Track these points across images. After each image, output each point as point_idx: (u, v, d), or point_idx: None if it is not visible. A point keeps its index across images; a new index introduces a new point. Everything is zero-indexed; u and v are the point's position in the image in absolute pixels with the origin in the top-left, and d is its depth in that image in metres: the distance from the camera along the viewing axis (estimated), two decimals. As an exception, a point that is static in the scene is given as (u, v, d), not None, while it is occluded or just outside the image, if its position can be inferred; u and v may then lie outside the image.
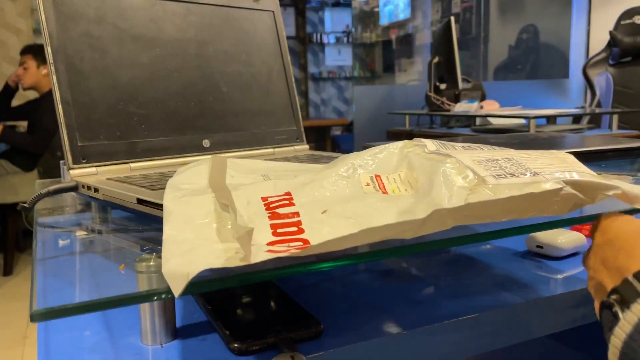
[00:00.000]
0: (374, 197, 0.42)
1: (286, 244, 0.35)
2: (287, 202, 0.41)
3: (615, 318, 0.31)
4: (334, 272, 0.57)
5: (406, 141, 0.50)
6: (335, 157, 0.73)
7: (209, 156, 0.71)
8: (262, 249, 0.34)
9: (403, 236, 0.36)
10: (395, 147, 0.49)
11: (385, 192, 0.43)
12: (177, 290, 0.31)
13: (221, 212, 0.40)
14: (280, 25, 0.84)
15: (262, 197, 0.42)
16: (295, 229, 0.36)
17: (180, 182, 0.46)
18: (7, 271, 2.89)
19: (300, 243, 0.35)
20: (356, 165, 0.47)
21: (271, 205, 0.40)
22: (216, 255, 0.34)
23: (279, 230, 0.36)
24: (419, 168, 0.45)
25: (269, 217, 0.38)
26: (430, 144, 0.49)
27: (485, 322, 0.46)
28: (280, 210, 0.39)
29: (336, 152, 0.82)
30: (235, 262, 0.33)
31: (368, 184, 0.45)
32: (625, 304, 0.31)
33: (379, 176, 0.46)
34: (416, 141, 0.50)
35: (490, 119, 2.43)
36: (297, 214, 0.39)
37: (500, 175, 0.41)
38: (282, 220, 0.38)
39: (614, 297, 0.32)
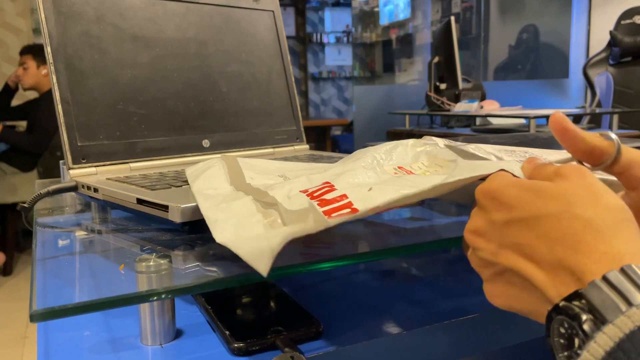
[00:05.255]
0: (410, 176, 0.42)
1: (345, 215, 0.35)
2: (329, 188, 0.40)
3: (581, 330, 0.25)
4: (334, 272, 0.57)
5: (415, 139, 0.50)
6: (335, 157, 0.73)
7: (212, 156, 0.71)
8: (328, 220, 0.34)
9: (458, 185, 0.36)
10: (407, 144, 0.49)
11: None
12: (264, 268, 0.31)
13: (265, 210, 0.40)
14: (280, 25, 0.84)
15: (301, 191, 0.41)
16: (348, 210, 0.36)
17: (204, 188, 0.45)
18: (7, 271, 2.89)
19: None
20: (378, 159, 0.47)
21: (315, 195, 0.40)
22: (288, 230, 0.34)
23: (333, 215, 0.36)
24: (442, 153, 0.45)
25: (317, 204, 0.38)
26: (441, 142, 0.49)
27: (485, 322, 0.46)
28: (327, 196, 0.39)
29: (336, 152, 0.82)
30: (310, 229, 0.33)
31: (396, 173, 0.44)
32: (597, 314, 0.24)
33: (402, 167, 0.46)
34: (426, 139, 0.50)
35: (491, 119, 2.43)
36: (344, 195, 0.38)
37: (520, 161, 0.41)
38: (332, 205, 0.37)
39: (577, 303, 0.25)
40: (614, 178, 0.36)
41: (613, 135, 0.34)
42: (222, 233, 0.37)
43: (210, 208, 0.41)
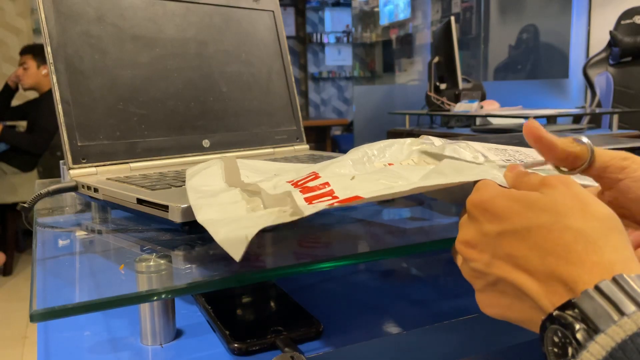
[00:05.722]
0: (396, 167, 0.43)
1: (325, 203, 0.35)
2: (314, 177, 0.41)
3: (574, 339, 0.25)
4: (334, 272, 0.57)
5: (413, 138, 0.51)
6: (335, 157, 0.73)
7: (212, 157, 0.71)
8: (307, 206, 0.34)
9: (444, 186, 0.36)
10: (404, 142, 0.50)
11: None
12: (237, 254, 0.32)
13: (249, 198, 0.41)
14: (280, 25, 0.84)
15: (287, 181, 0.42)
16: (329, 197, 0.37)
17: (199, 185, 0.46)
18: (7, 271, 2.89)
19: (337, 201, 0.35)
20: (370, 155, 0.48)
21: (299, 183, 0.41)
22: (265, 217, 0.35)
23: (314, 202, 0.37)
24: (432, 149, 0.46)
25: (300, 191, 0.38)
26: (437, 141, 0.50)
27: (485, 322, 0.46)
28: (310, 184, 0.40)
29: (336, 152, 0.82)
30: (286, 218, 0.34)
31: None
32: (589, 323, 0.25)
33: (392, 164, 0.46)
34: (423, 138, 0.50)
35: (490, 119, 2.43)
36: (327, 183, 0.39)
37: (509, 160, 0.41)
38: (314, 193, 0.38)
39: (570, 312, 0.26)
40: (594, 184, 0.37)
41: (585, 140, 0.35)
42: (204, 215, 0.38)
43: (198, 198, 0.42)
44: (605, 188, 0.36)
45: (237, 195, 0.42)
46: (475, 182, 0.35)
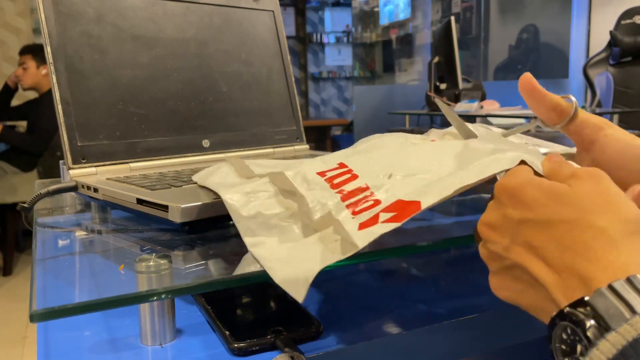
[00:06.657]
0: (426, 145, 0.43)
1: (375, 222, 0.35)
2: (348, 174, 0.41)
3: (585, 336, 0.25)
4: (334, 272, 0.57)
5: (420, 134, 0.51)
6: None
7: (212, 157, 0.71)
8: (360, 233, 0.34)
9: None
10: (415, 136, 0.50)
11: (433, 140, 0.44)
12: (300, 295, 0.32)
13: (284, 200, 0.41)
14: (280, 25, 0.84)
15: (317, 173, 0.42)
16: (371, 202, 0.37)
17: (221, 180, 0.46)
18: (7, 271, 2.89)
19: (386, 214, 0.35)
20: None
21: (334, 182, 0.40)
22: (323, 250, 0.35)
23: (356, 209, 0.37)
24: (450, 131, 0.46)
25: (341, 198, 0.38)
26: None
27: (485, 322, 0.46)
28: (347, 187, 0.39)
29: (336, 152, 0.82)
30: (349, 251, 0.34)
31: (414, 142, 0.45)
32: (601, 321, 0.25)
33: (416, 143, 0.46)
34: (434, 131, 0.50)
35: (490, 119, 2.43)
36: (366, 188, 0.39)
37: (527, 143, 0.42)
38: (355, 198, 0.38)
39: (582, 310, 0.26)
40: (572, 150, 0.40)
41: (572, 98, 0.39)
42: (252, 237, 0.38)
43: (229, 190, 0.42)
44: (582, 148, 0.39)
45: (271, 196, 0.41)
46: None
